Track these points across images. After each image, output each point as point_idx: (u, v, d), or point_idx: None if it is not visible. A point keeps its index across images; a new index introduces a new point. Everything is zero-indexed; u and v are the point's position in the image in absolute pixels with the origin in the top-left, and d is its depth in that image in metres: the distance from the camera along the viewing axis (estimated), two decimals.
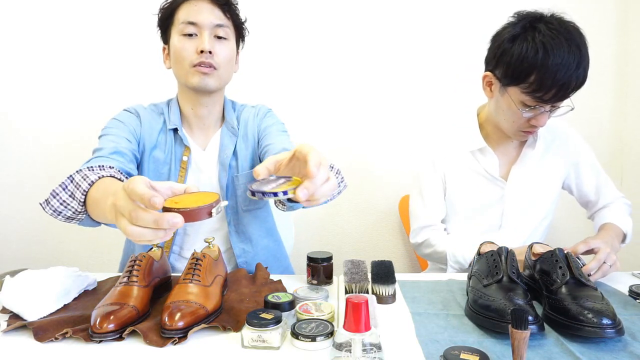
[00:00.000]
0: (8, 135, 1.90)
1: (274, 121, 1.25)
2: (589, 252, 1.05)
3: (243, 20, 1.21)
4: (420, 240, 1.32)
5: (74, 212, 0.86)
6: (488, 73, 1.19)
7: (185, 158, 1.18)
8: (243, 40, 1.24)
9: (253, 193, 0.61)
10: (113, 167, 0.93)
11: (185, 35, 1.11)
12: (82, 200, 0.83)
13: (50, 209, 0.85)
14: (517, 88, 1.10)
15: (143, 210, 0.59)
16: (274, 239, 1.33)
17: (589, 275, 1.00)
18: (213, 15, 1.11)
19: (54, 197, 0.85)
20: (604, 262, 1.00)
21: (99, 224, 0.90)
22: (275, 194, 0.60)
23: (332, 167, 0.96)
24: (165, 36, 1.18)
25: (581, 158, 1.30)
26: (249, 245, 1.24)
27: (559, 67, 1.03)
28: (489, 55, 1.19)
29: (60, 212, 0.86)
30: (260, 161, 1.19)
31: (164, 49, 1.21)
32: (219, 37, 1.13)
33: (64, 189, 0.85)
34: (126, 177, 0.93)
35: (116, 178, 0.89)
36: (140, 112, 1.20)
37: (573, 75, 1.04)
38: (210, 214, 0.61)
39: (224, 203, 0.65)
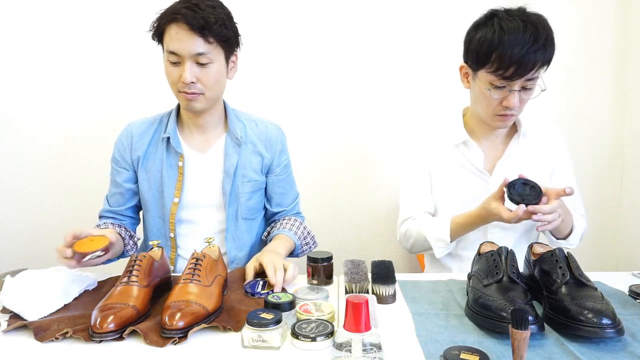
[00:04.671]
0: (8, 135, 1.90)
1: (285, 156, 1.32)
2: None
3: (234, 34, 1.15)
4: (402, 231, 1.33)
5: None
6: (463, 64, 1.24)
7: (180, 164, 1.21)
8: (239, 46, 1.20)
9: (251, 294, 0.96)
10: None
11: (170, 61, 1.10)
12: None
13: None
14: (483, 71, 1.14)
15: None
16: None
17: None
18: (193, 44, 1.07)
19: None
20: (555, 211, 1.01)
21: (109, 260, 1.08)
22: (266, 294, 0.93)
23: (305, 232, 1.29)
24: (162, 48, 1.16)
25: (559, 165, 1.30)
26: (242, 252, 1.26)
27: (515, 44, 1.07)
28: (463, 48, 1.24)
29: None
30: (266, 185, 1.31)
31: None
32: (201, 63, 1.09)
33: None
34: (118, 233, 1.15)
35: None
36: (132, 131, 1.24)
37: (530, 51, 1.07)
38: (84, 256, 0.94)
39: (97, 253, 0.95)
